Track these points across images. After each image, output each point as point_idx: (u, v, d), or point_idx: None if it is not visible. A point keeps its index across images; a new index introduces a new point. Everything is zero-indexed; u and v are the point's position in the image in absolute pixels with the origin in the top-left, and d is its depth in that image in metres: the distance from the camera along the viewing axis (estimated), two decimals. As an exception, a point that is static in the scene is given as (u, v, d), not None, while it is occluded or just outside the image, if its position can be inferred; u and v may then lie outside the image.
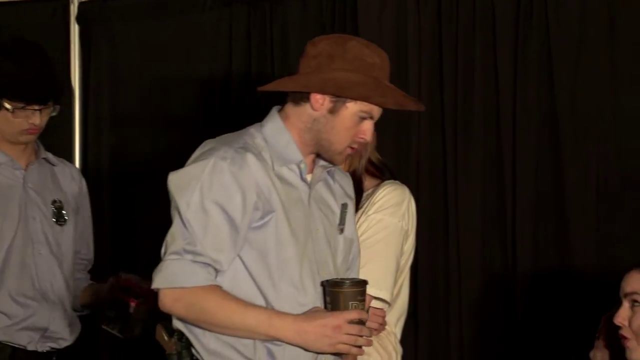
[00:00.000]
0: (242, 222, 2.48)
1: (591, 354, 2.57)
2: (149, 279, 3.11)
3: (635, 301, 2.24)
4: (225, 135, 2.64)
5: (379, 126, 2.63)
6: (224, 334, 2.50)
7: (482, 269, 4.16)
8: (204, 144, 2.60)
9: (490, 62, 4.13)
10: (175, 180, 2.52)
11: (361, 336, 2.49)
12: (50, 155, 3.38)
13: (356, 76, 2.49)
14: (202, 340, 2.52)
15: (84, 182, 3.47)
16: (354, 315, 2.48)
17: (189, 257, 2.45)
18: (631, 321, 2.25)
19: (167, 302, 2.48)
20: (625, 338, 2.27)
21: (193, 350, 2.55)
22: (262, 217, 2.50)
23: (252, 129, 2.60)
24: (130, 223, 4.73)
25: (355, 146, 2.59)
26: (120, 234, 4.74)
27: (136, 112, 4.75)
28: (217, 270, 2.48)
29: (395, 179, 3.02)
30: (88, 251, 3.46)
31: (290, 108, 2.59)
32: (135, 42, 4.75)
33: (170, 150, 4.62)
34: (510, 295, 4.10)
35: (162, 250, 2.49)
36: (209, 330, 2.51)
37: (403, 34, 4.22)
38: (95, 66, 4.81)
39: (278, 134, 2.57)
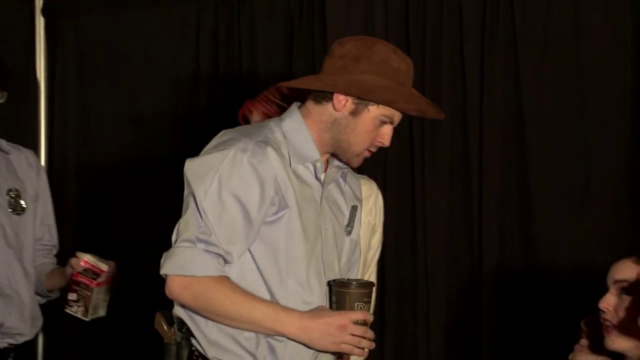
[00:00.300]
0: (257, 216, 2.48)
1: (570, 357, 2.59)
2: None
3: (624, 288, 2.26)
4: (244, 126, 2.66)
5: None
6: (228, 325, 2.50)
7: (449, 264, 4.17)
8: (222, 133, 2.59)
9: (458, 61, 4.15)
10: (193, 167, 2.51)
11: (365, 338, 2.51)
12: (3, 143, 3.30)
13: (382, 80, 2.49)
14: (204, 330, 2.52)
15: (41, 167, 3.41)
16: (359, 316, 2.50)
17: (202, 246, 2.44)
18: (617, 308, 2.27)
19: (175, 288, 2.47)
20: (607, 324, 2.28)
21: (193, 341, 2.55)
22: (276, 212, 2.51)
23: (272, 123, 2.59)
24: (96, 215, 4.70)
25: (373, 149, 2.60)
26: (86, 228, 4.71)
27: (103, 106, 4.72)
28: (226, 262, 2.48)
29: (362, 173, 3.02)
30: (51, 237, 3.41)
31: (311, 106, 2.58)
32: (102, 35, 4.72)
33: (137, 143, 4.61)
34: (476, 291, 4.12)
35: (174, 237, 2.49)
36: (213, 321, 2.50)
37: (371, 31, 4.22)
38: (62, 60, 4.78)
39: (297, 130, 2.57)
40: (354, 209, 2.71)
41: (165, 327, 2.62)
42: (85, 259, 3.13)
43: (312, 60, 4.31)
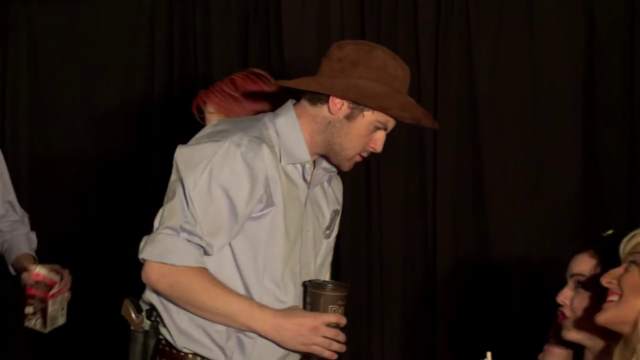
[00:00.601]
0: (244, 212, 2.47)
1: (540, 357, 2.63)
2: (66, 265, 3.09)
3: (579, 282, 2.29)
4: (238, 119, 2.63)
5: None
6: (201, 317, 2.50)
7: (404, 260, 4.19)
8: (216, 122, 2.58)
9: (412, 52, 4.16)
10: (185, 155, 2.49)
11: (336, 340, 2.51)
12: None
13: (379, 86, 2.49)
14: (175, 318, 2.52)
15: None
16: (332, 318, 2.50)
17: (185, 235, 2.43)
18: (572, 301, 2.30)
19: (152, 275, 2.46)
20: (563, 317, 2.32)
21: (162, 329, 2.55)
22: (262, 210, 2.50)
23: (266, 119, 2.57)
24: (48, 207, 4.65)
25: (365, 154, 2.60)
26: (38, 220, 4.66)
27: (54, 96, 4.67)
28: (206, 253, 2.48)
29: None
30: (15, 212, 3.34)
31: (305, 106, 2.57)
32: (54, 23, 4.66)
33: (90, 133, 4.57)
34: (431, 286, 4.14)
35: (156, 222, 2.47)
36: (187, 311, 2.50)
37: (326, 21, 4.22)
38: (13, 49, 4.72)
39: (290, 129, 2.55)
40: (335, 213, 2.71)
41: (133, 315, 2.60)
42: (37, 272, 3.09)
43: (268, 53, 4.30)
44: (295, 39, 4.24)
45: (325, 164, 2.63)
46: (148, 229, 2.47)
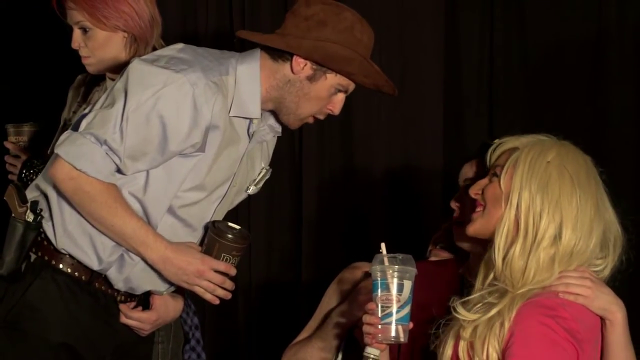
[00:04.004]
0: (173, 150, 2.46)
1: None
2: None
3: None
4: (207, 51, 2.55)
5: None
6: (96, 228, 2.49)
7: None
8: (182, 47, 2.53)
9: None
10: (139, 72, 2.45)
11: (222, 287, 2.53)
12: None
13: (345, 50, 2.46)
14: (65, 218, 2.51)
15: None
16: (221, 266, 2.52)
17: (106, 148, 2.42)
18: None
19: (60, 173, 2.45)
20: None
21: (46, 225, 2.53)
22: (191, 152, 2.48)
23: (232, 62, 2.52)
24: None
25: (320, 117, 2.57)
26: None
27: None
28: (120, 172, 2.47)
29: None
30: None
31: (266, 60, 2.52)
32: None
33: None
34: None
35: (84, 123, 2.44)
36: (82, 217, 2.49)
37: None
38: None
39: (249, 82, 2.51)
40: (266, 172, 2.69)
41: (16, 202, 2.52)
42: None
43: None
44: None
45: (272, 120, 2.62)
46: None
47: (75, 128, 2.48)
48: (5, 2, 4.15)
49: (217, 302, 2.58)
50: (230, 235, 2.51)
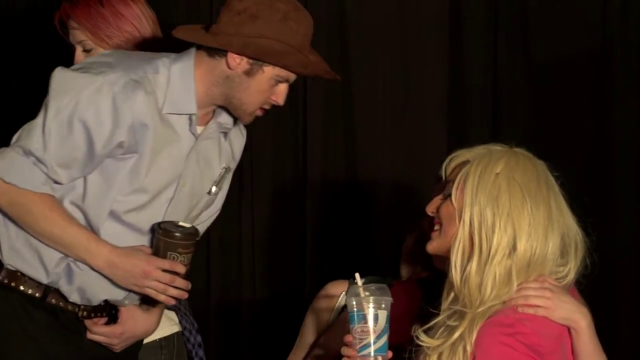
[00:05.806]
0: (101, 152, 2.44)
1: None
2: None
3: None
4: (134, 53, 2.57)
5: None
6: (40, 240, 2.47)
7: (273, 183, 4.16)
8: (109, 53, 2.54)
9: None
10: (58, 79, 2.45)
11: (174, 287, 2.49)
12: None
13: (278, 44, 2.42)
14: (11, 235, 2.50)
15: None
16: (166, 265, 2.48)
17: (32, 159, 2.42)
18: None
19: None
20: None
21: None
22: (123, 154, 2.46)
23: (163, 61, 2.50)
24: None
25: (267, 107, 2.54)
26: None
27: None
28: (57, 182, 2.45)
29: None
30: None
31: (203, 57, 2.50)
32: None
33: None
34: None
35: (15, 136, 2.46)
36: (24, 231, 2.48)
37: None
38: None
39: (182, 79, 2.48)
40: (226, 170, 2.66)
41: None
42: None
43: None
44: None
45: (222, 117, 2.58)
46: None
47: None
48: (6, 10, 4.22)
49: (172, 302, 2.55)
50: (175, 233, 2.48)
